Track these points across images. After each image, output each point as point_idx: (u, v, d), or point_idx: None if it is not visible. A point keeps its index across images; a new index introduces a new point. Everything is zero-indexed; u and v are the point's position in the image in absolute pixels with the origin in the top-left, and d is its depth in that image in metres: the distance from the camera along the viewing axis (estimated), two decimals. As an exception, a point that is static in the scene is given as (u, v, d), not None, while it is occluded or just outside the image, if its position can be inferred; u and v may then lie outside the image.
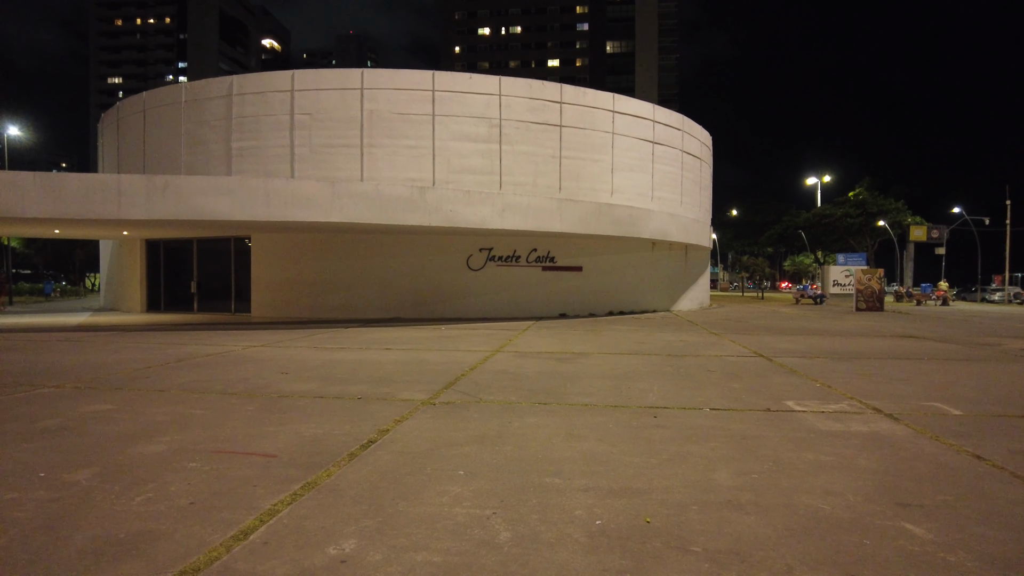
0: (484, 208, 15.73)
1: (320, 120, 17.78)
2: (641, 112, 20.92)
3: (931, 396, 6.60)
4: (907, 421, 5.42)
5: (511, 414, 5.59)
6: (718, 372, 8.18)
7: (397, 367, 8.48)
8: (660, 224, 20.40)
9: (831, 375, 8.02)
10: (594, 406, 5.96)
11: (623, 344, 11.58)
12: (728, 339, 12.70)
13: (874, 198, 55.55)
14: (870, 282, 25.78)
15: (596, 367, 8.57)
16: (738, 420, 5.43)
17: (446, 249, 18.53)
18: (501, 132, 18.28)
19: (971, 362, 9.56)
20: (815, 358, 9.85)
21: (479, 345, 11.18)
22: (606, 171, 19.75)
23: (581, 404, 6.05)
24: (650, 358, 9.58)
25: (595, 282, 20.30)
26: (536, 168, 18.64)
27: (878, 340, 13.01)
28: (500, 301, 18.91)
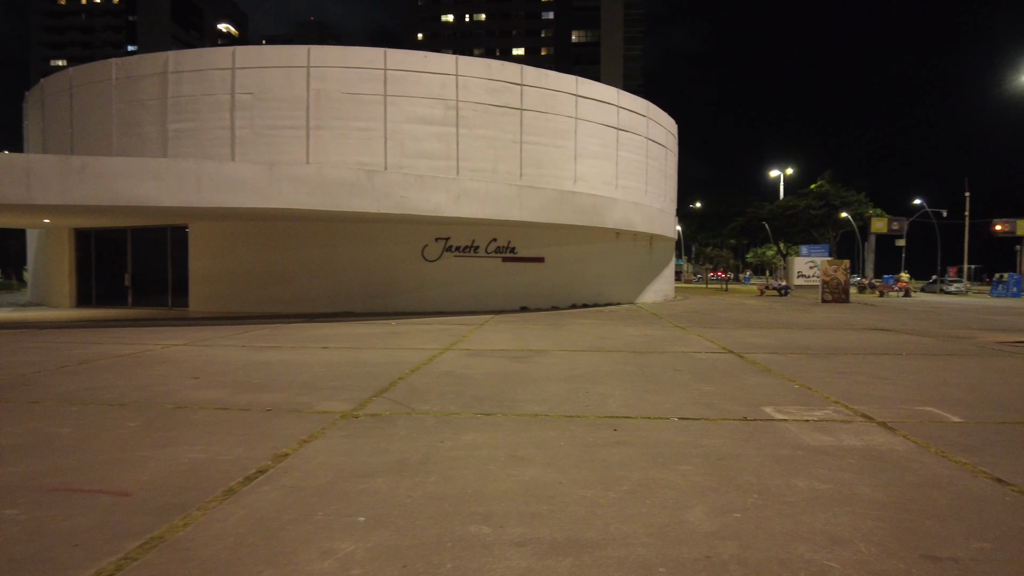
0: (438, 194, 14.74)
1: (263, 100, 16.53)
2: (605, 97, 20.11)
3: (921, 399, 5.90)
4: (904, 431, 4.68)
5: (446, 429, 4.68)
6: (686, 372, 7.40)
7: (328, 369, 7.49)
8: (624, 213, 19.65)
9: (808, 374, 7.30)
10: (546, 417, 5.09)
11: (584, 340, 10.76)
12: (695, 333, 11.98)
13: (836, 190, 56.02)
14: (836, 273, 25.52)
15: (553, 367, 7.71)
16: (712, 433, 4.61)
17: (400, 239, 17.48)
18: (458, 115, 17.27)
19: (951, 357, 8.97)
20: (788, 354, 9.16)
21: (428, 342, 10.24)
22: (569, 158, 18.90)
23: (531, 414, 5.17)
24: (612, 356, 8.76)
25: (558, 274, 19.47)
26: (496, 153, 17.68)
27: (850, 333, 12.45)
28: (458, 294, 17.94)
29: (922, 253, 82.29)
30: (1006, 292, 36.51)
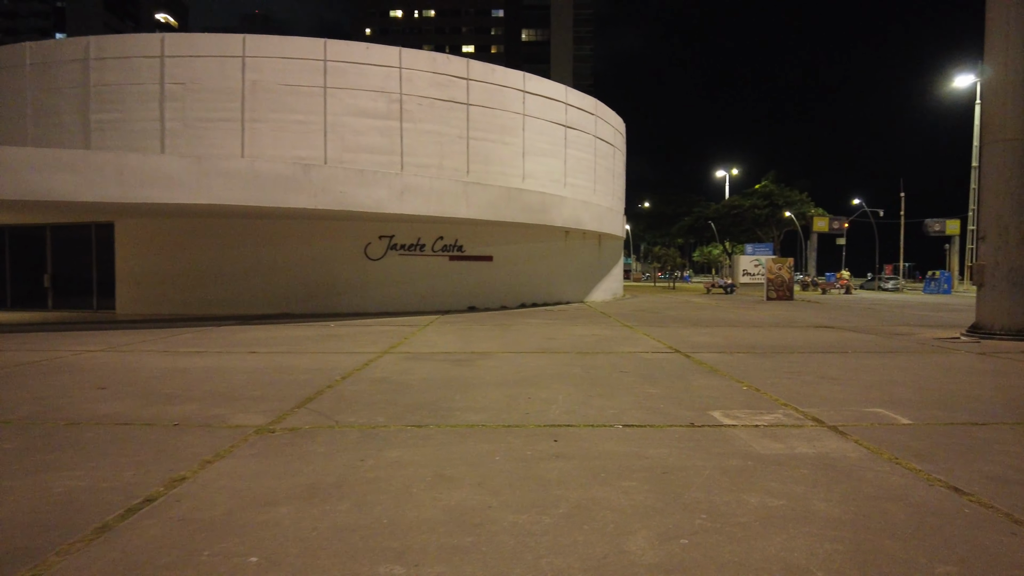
0: (380, 190, 14.19)
1: (195, 91, 15.63)
2: (553, 94, 19.86)
3: (870, 399, 5.75)
4: (855, 436, 4.47)
5: (370, 445, 4.25)
6: (632, 373, 7.12)
7: (252, 377, 6.93)
8: (573, 212, 19.45)
9: (756, 374, 7.12)
10: (483, 427, 4.70)
11: (531, 341, 10.43)
12: (642, 332, 11.80)
13: (780, 190, 57.43)
14: (780, 271, 25.95)
15: (496, 370, 7.34)
16: (657, 441, 4.31)
17: (341, 236, 16.83)
18: (402, 108, 16.72)
19: (894, 355, 8.98)
20: (735, 353, 9.02)
21: (367, 345, 9.73)
22: (517, 155, 18.57)
23: (466, 424, 4.78)
24: (558, 357, 8.44)
25: (506, 273, 19.13)
26: (441, 149, 17.20)
27: (795, 331, 12.48)
28: (403, 293, 17.41)
29: (861, 251, 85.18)
30: (938, 289, 37.95)
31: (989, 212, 11.17)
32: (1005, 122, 11.03)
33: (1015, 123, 10.97)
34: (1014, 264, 10.85)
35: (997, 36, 11.27)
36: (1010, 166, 10.96)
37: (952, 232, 49.14)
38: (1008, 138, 10.99)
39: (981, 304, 11.27)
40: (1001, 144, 11.06)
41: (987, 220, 11.19)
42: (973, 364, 8.10)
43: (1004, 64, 11.14)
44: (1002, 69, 11.16)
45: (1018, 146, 10.93)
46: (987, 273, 11.08)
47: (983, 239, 11.25)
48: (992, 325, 10.97)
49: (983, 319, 11.18)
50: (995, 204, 11.06)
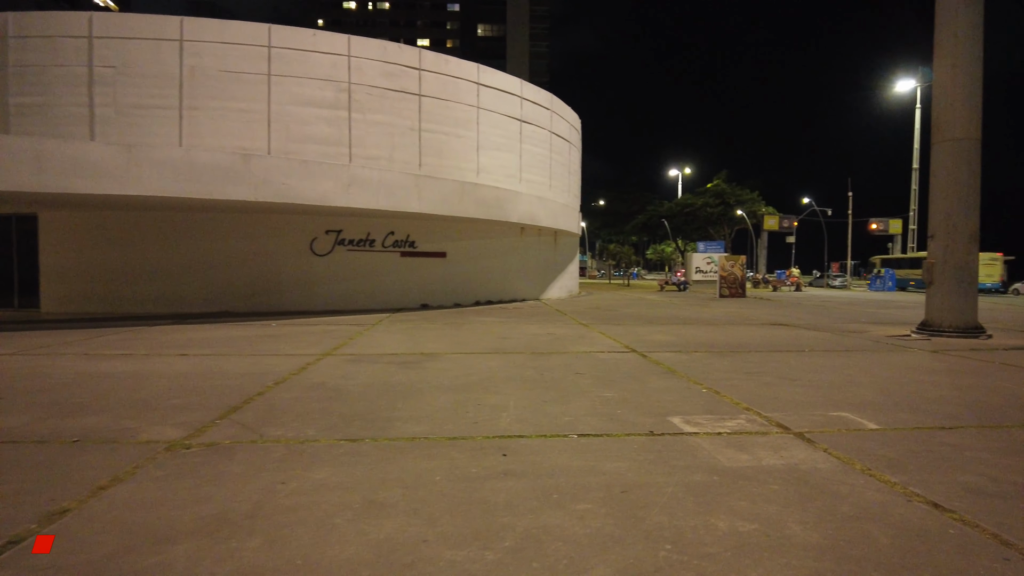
0: (326, 182, 13.56)
1: (129, 75, 14.65)
2: (508, 87, 19.46)
3: (833, 402, 5.54)
4: (824, 444, 4.21)
5: (295, 463, 3.77)
6: (588, 375, 6.78)
7: (176, 383, 6.33)
8: (528, 208, 19.10)
9: (715, 375, 6.87)
10: (424, 440, 4.27)
11: (484, 340, 10.02)
12: (598, 331, 11.52)
13: (732, 189, 58.32)
14: (733, 269, 26.15)
15: (445, 373, 6.90)
16: (615, 454, 3.96)
17: (286, 231, 16.09)
18: (351, 98, 16.06)
19: (851, 353, 8.89)
20: (692, 352, 8.79)
21: (308, 346, 9.16)
22: (471, 148, 18.10)
23: (407, 437, 4.33)
24: (512, 358, 8.05)
25: (460, 269, 18.66)
26: (392, 141, 16.60)
27: (750, 329, 12.39)
28: (352, 291, 16.76)
29: (810, 249, 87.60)
30: (883, 286, 39.08)
31: (938, 211, 11.24)
32: (954, 121, 11.11)
33: (964, 123, 11.06)
34: (961, 262, 10.94)
35: (946, 35, 11.35)
36: (959, 165, 11.04)
37: (895, 231, 50.76)
38: (957, 137, 11.07)
39: (930, 302, 11.36)
40: (950, 143, 11.14)
41: (936, 219, 11.27)
42: (929, 363, 8.05)
43: (953, 64, 11.22)
44: (951, 69, 11.24)
45: (967, 145, 11.02)
46: (936, 271, 11.15)
47: (932, 237, 11.33)
48: (941, 322, 11.05)
49: (932, 317, 11.26)
50: (944, 203, 11.14)
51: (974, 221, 11.00)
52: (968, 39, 11.16)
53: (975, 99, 11.13)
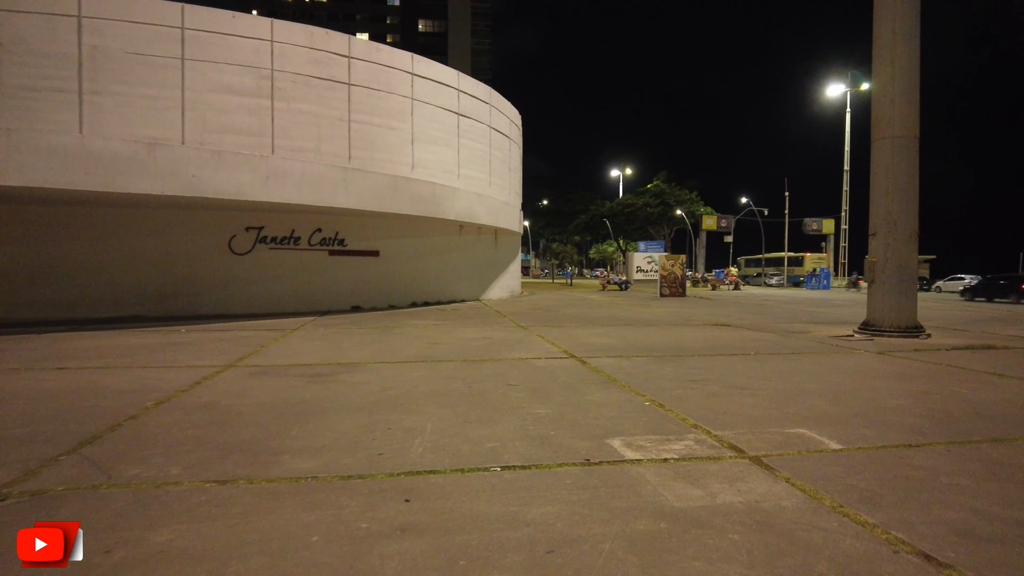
0: (242, 174, 12.49)
1: (18, 54, 13.12)
2: (445, 79, 18.65)
3: (788, 415, 5.02)
4: (785, 472, 3.64)
5: (135, 519, 2.93)
6: (522, 387, 6.10)
7: (37, 405, 5.31)
8: (467, 204, 18.36)
9: (658, 384, 6.30)
10: (312, 481, 3.48)
11: (413, 346, 9.22)
12: (537, 334, 10.88)
13: (671, 189, 59.02)
14: (673, 268, 26.07)
15: (359, 388, 6.09)
16: (543, 493, 3.27)
17: (201, 228, 14.84)
18: (274, 86, 14.94)
19: (798, 356, 8.52)
20: (634, 357, 8.24)
21: (212, 356, 8.17)
22: (405, 141, 17.21)
23: (291, 478, 3.53)
24: (439, 368, 7.30)
25: (395, 269, 17.75)
26: (319, 132, 15.55)
27: (693, 330, 12.00)
28: (276, 293, 15.64)
29: (747, 248, 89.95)
30: (818, 284, 40.04)
31: (879, 209, 11.08)
32: (893, 118, 10.97)
33: (903, 120, 10.93)
34: (902, 261, 10.80)
35: (884, 31, 11.20)
36: (899, 163, 10.90)
37: (828, 231, 52.28)
38: (896, 135, 10.93)
39: (872, 301, 11.19)
40: (890, 141, 10.99)
41: (877, 217, 11.11)
42: (878, 366, 7.71)
43: (891, 60, 11.07)
44: (889, 65, 11.09)
45: (906, 143, 10.88)
46: (877, 270, 10.99)
47: (874, 235, 11.16)
48: (883, 322, 10.89)
49: (874, 316, 11.10)
50: (884, 201, 10.98)
51: (914, 219, 10.87)
52: (906, 35, 11.03)
53: (913, 96, 11.01)
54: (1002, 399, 5.77)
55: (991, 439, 4.38)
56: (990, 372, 7.26)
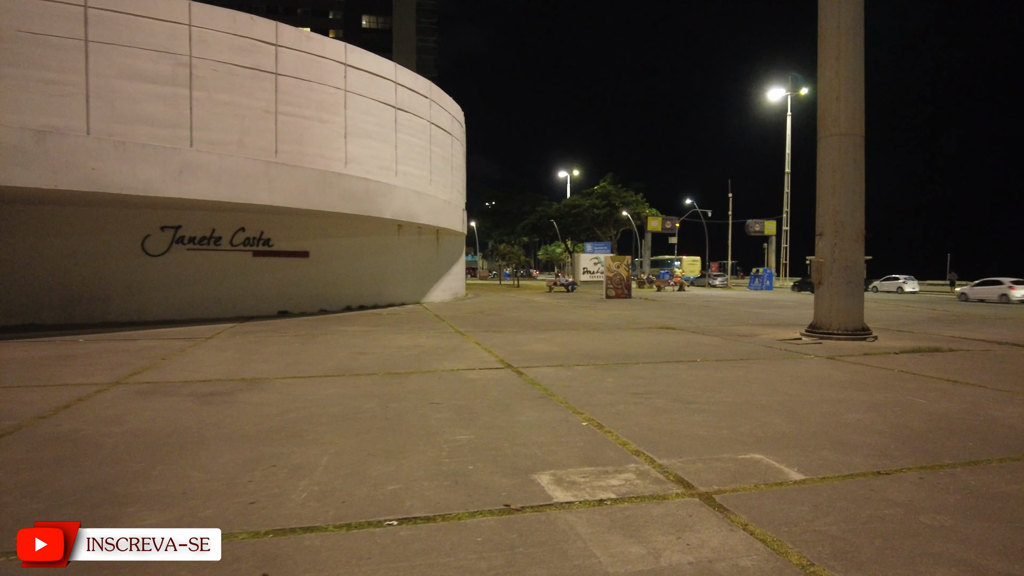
0: (151, 168, 11.38)
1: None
2: (381, 70, 17.75)
3: (741, 436, 4.46)
4: (742, 515, 3.04)
5: None
6: (446, 405, 5.39)
7: None
8: (405, 203, 17.51)
9: (599, 399, 5.68)
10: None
11: (334, 357, 8.39)
12: (474, 341, 10.18)
13: (617, 191, 59.17)
14: (619, 269, 25.77)
15: (256, 411, 5.26)
16: (445, 559, 2.58)
17: (110, 227, 13.56)
18: (192, 74, 13.79)
19: (746, 363, 8.06)
20: (575, 366, 7.64)
21: (101, 372, 7.17)
22: (338, 135, 16.24)
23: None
24: (357, 383, 6.51)
25: (327, 271, 16.75)
26: (243, 124, 14.45)
27: (638, 334, 11.51)
28: (193, 297, 14.45)
29: (692, 249, 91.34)
30: (761, 285, 40.60)
31: (826, 209, 10.81)
32: (839, 115, 10.72)
33: (848, 117, 10.69)
34: (849, 262, 10.55)
35: (829, 27, 10.96)
36: (845, 162, 10.66)
37: (770, 232, 53.27)
38: (842, 133, 10.68)
39: (819, 303, 10.92)
40: (836, 139, 10.74)
41: (824, 217, 10.84)
42: (830, 373, 7.31)
43: (837, 57, 10.83)
44: (835, 61, 10.85)
45: (852, 141, 10.65)
46: (825, 271, 10.71)
47: (820, 236, 10.89)
48: (830, 324, 10.62)
49: (821, 318, 10.82)
50: (832, 200, 10.71)
51: (860, 219, 10.65)
52: (850, 32, 10.80)
53: (858, 93, 10.79)
54: (961, 410, 5.38)
55: (964, 462, 3.90)
56: (942, 378, 6.94)
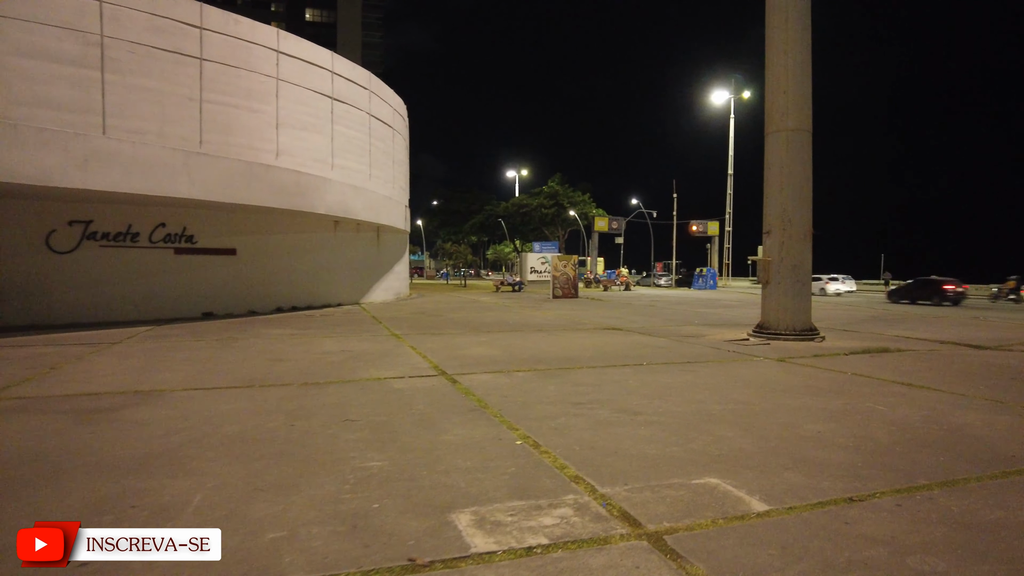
0: (50, 155, 10.28)
1: None
2: (316, 59, 16.83)
3: (694, 455, 3.96)
4: (699, 562, 2.50)
5: None
6: (362, 423, 4.72)
7: None
8: (341, 197, 16.63)
9: (537, 410, 5.12)
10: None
11: (249, 365, 7.59)
12: (410, 344, 9.50)
13: (565, 191, 59.16)
14: (566, 268, 25.40)
15: (139, 431, 4.48)
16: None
17: (8, 220, 12.31)
18: (104, 55, 12.62)
19: (695, 367, 7.64)
20: (515, 372, 7.07)
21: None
22: (269, 126, 15.26)
23: None
24: (268, 395, 5.77)
25: (257, 270, 15.75)
26: (164, 112, 13.34)
27: (583, 335, 11.04)
28: (107, 298, 13.27)
29: (638, 250, 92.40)
30: (705, 284, 41.00)
31: (774, 206, 10.56)
32: (787, 110, 10.48)
33: (796, 112, 10.46)
34: (797, 260, 10.32)
35: (777, 19, 10.72)
36: (792, 158, 10.42)
37: (712, 233, 54.06)
38: (790, 128, 10.45)
39: (767, 302, 10.66)
40: (784, 134, 10.49)
41: (772, 214, 10.58)
42: (782, 378, 6.93)
43: (784, 50, 10.59)
44: (782, 55, 10.61)
45: (800, 137, 10.42)
46: (772, 270, 10.45)
47: (768, 234, 10.63)
48: (778, 325, 10.36)
49: (768, 318, 10.56)
50: (779, 197, 10.46)
51: (808, 217, 10.43)
52: (798, 25, 10.58)
53: (806, 88, 10.58)
54: (923, 417, 5.03)
55: (940, 482, 3.48)
56: (897, 381, 6.65)
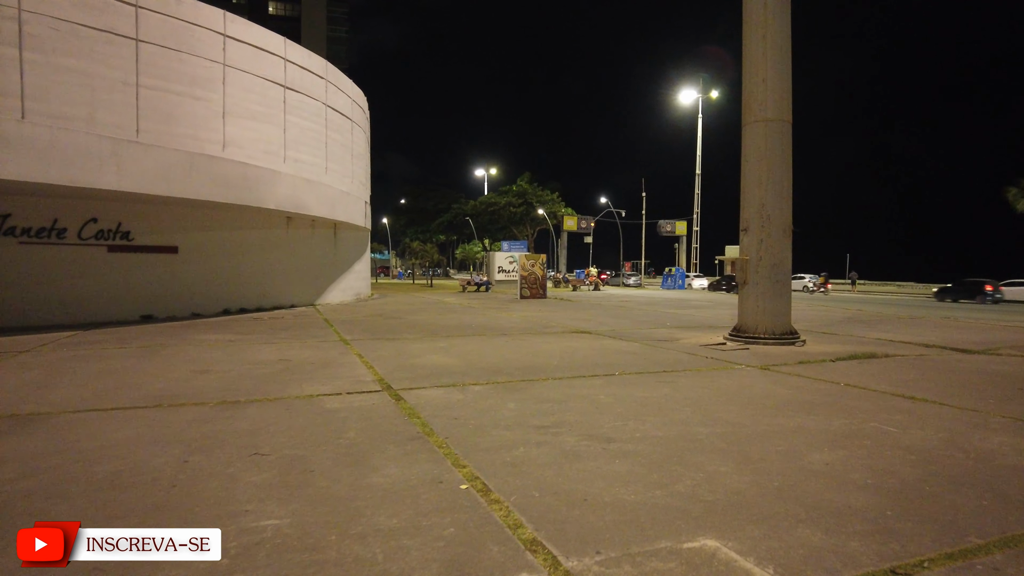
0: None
1: None
2: (267, 44, 15.76)
3: (682, 501, 3.18)
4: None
5: None
6: (272, 459, 3.83)
7: None
8: (293, 192, 15.60)
9: (492, 439, 4.30)
10: None
11: (167, 377, 6.62)
12: (357, 352, 8.61)
13: (534, 189, 58.52)
14: (533, 268, 24.65)
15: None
16: None
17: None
18: (23, 31, 11.42)
19: (672, 376, 6.91)
20: (470, 384, 6.24)
21: None
22: (215, 115, 14.16)
23: None
24: (171, 419, 4.85)
25: (201, 270, 14.64)
26: (95, 96, 12.16)
27: (550, 340, 10.26)
28: (31, 300, 12.07)
29: (607, 249, 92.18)
30: (674, 284, 40.72)
31: (751, 201, 9.92)
32: (766, 100, 9.85)
33: (776, 101, 9.84)
34: (777, 259, 9.69)
35: (755, 4, 10.07)
36: (772, 150, 9.79)
37: (681, 232, 53.95)
38: (769, 118, 9.81)
39: (744, 304, 10.01)
40: (762, 125, 9.86)
41: (749, 210, 9.94)
42: (769, 390, 6.22)
43: (763, 36, 9.96)
44: (761, 41, 9.98)
45: (779, 128, 9.80)
46: (750, 269, 9.81)
47: (745, 231, 9.99)
48: (756, 328, 9.72)
49: (746, 321, 9.92)
50: (758, 192, 9.82)
51: (788, 213, 9.81)
52: (778, 10, 9.95)
53: (786, 77, 9.96)
54: (941, 441, 4.35)
55: (998, 541, 2.75)
56: (896, 393, 5.99)
